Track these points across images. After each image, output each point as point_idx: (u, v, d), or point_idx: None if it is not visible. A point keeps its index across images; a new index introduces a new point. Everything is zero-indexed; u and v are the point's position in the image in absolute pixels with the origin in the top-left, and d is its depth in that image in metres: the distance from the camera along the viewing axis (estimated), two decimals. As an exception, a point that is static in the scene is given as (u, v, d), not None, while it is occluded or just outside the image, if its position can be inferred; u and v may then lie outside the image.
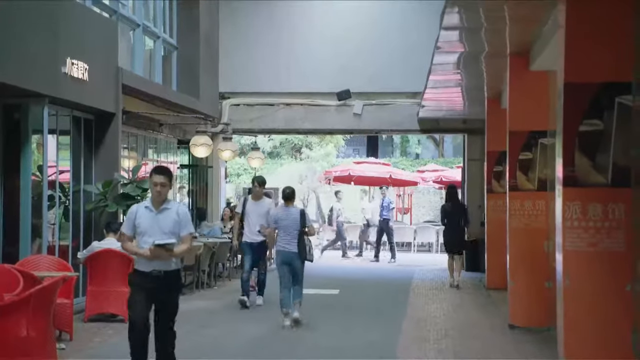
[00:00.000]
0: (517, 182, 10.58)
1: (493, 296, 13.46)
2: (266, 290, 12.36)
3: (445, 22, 9.18)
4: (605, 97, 6.13)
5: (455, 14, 9.20)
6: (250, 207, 12.04)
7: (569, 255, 6.21)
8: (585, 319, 6.16)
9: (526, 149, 10.49)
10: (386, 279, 16.77)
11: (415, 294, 14.16)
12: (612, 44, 6.13)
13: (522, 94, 10.41)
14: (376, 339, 9.56)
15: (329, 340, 9.47)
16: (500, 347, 9.19)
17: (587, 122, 6.18)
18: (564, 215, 6.23)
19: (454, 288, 14.71)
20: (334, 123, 18.62)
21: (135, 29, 14.13)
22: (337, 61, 18.01)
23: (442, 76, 13.19)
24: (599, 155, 6.17)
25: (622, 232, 6.09)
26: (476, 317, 11.51)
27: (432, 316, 11.59)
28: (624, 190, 6.06)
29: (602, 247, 6.15)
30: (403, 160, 33.23)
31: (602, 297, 6.13)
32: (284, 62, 18.19)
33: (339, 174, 24.91)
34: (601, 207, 6.15)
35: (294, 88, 18.11)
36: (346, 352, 8.80)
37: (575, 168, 6.21)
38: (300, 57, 18.20)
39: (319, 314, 11.54)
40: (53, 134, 11.13)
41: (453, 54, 11.50)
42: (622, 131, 6.07)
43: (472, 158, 18.71)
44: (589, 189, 6.19)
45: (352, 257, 21.52)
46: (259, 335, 9.77)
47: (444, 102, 16.52)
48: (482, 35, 9.91)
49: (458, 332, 10.16)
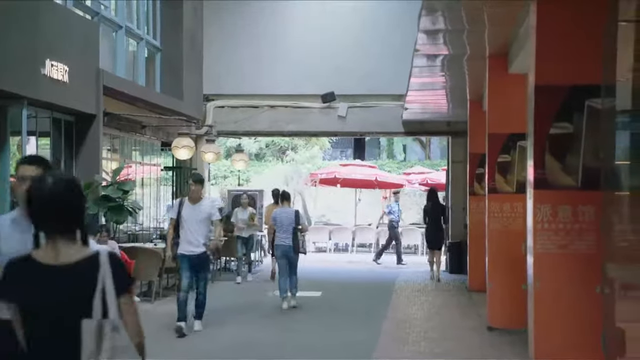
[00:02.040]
0: (496, 184, 10.63)
1: (474, 298, 13.51)
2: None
3: (423, 26, 9.23)
4: (575, 100, 6.17)
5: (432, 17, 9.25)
6: (186, 212, 9.87)
7: (540, 257, 6.25)
8: (555, 321, 6.20)
9: (505, 152, 10.55)
10: (369, 281, 16.80)
11: (397, 296, 14.19)
12: (582, 47, 6.17)
13: (500, 96, 10.46)
14: (355, 340, 9.59)
15: (308, 341, 9.50)
16: (477, 348, 9.23)
17: (557, 125, 6.22)
18: (534, 217, 6.27)
19: (434, 281, 15.89)
20: (318, 125, 18.63)
21: (118, 30, 14.12)
22: (322, 63, 18.03)
23: (424, 79, 13.23)
24: (569, 158, 6.21)
25: (591, 235, 6.13)
26: (456, 319, 11.55)
27: (412, 317, 11.62)
28: (593, 192, 6.09)
29: (572, 249, 6.18)
30: (389, 162, 33.29)
31: (572, 298, 6.17)
32: (268, 64, 18.20)
33: (325, 177, 24.92)
34: (571, 209, 6.19)
35: (278, 90, 18.12)
36: (324, 353, 8.82)
37: (545, 170, 6.25)
38: (284, 59, 18.22)
39: (301, 316, 11.58)
40: (33, 136, 11.12)
41: (435, 56, 11.55)
42: (591, 134, 6.11)
43: (456, 160, 18.78)
44: (559, 192, 6.23)
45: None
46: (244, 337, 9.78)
47: (428, 105, 16.57)
48: (464, 38, 9.97)
49: (437, 333, 10.19)
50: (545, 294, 6.24)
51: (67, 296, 2.83)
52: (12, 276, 2.90)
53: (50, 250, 2.88)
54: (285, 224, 12.19)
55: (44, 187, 2.89)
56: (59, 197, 2.88)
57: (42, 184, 2.91)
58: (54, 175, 2.96)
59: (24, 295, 2.84)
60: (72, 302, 2.82)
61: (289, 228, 12.14)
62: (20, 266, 2.90)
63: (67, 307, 2.82)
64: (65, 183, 2.93)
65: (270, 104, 18.28)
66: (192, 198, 10.01)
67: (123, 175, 13.40)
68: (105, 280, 2.86)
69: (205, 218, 9.89)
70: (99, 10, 13.09)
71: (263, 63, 18.19)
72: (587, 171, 6.15)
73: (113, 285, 2.87)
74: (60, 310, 2.81)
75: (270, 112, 18.40)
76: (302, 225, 12.42)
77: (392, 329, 10.55)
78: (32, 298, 2.82)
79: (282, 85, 18.09)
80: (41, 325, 2.82)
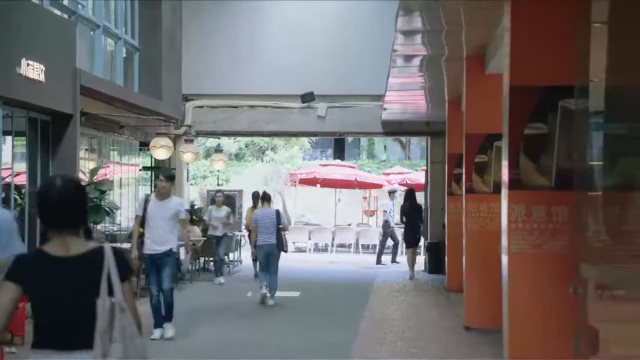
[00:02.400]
0: (474, 184, 10.68)
1: (452, 298, 13.55)
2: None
3: (400, 26, 9.25)
4: (549, 101, 6.21)
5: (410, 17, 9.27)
6: (153, 209, 9.45)
7: (514, 257, 6.28)
8: (529, 320, 6.23)
9: (482, 152, 10.60)
10: (348, 281, 16.81)
11: (375, 296, 14.21)
12: (556, 48, 6.21)
13: (478, 97, 10.51)
14: (333, 340, 9.59)
15: (286, 341, 9.50)
16: (454, 347, 9.26)
17: (532, 126, 6.25)
18: (509, 217, 6.30)
19: (412, 280, 16.40)
20: (297, 125, 18.63)
21: (95, 30, 14.03)
22: (302, 63, 18.02)
23: (403, 79, 13.27)
24: (543, 158, 6.25)
25: (565, 235, 6.17)
26: (433, 319, 11.58)
27: (390, 317, 11.65)
28: (567, 193, 6.13)
29: (546, 249, 6.22)
30: (369, 162, 33.34)
31: (545, 298, 6.21)
32: (248, 64, 18.17)
33: (305, 177, 24.92)
34: (545, 209, 6.22)
35: (257, 90, 18.09)
36: (301, 353, 8.82)
37: (519, 171, 6.28)
38: (264, 59, 18.19)
39: (279, 317, 11.58)
40: (9, 135, 11.03)
41: (414, 57, 11.59)
42: (565, 134, 6.15)
43: (435, 160, 18.86)
44: (533, 192, 6.27)
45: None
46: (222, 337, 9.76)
47: (408, 105, 16.62)
48: (442, 39, 10.01)
49: (414, 333, 10.22)
50: (520, 294, 6.28)
51: (79, 283, 3.21)
52: (23, 267, 3.25)
53: (59, 244, 3.25)
54: (268, 224, 12.54)
55: (53, 189, 3.28)
56: (68, 197, 3.26)
57: (52, 186, 3.30)
58: (62, 178, 3.35)
59: (41, 285, 3.19)
60: (84, 287, 3.19)
61: (271, 228, 12.52)
62: (33, 259, 3.31)
63: (80, 292, 3.19)
64: (72, 185, 3.33)
65: (249, 104, 18.25)
66: (160, 194, 9.60)
67: (101, 175, 13.32)
68: (110, 269, 3.22)
69: (173, 216, 9.43)
70: (76, 9, 13.00)
71: (242, 63, 18.16)
72: (560, 171, 6.19)
73: (117, 272, 3.24)
74: (74, 296, 3.19)
75: (250, 112, 18.37)
76: (283, 224, 12.79)
77: (370, 329, 10.57)
78: (49, 286, 3.19)
79: (261, 86, 18.06)
80: (57, 309, 3.18)
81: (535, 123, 6.25)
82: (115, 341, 3.17)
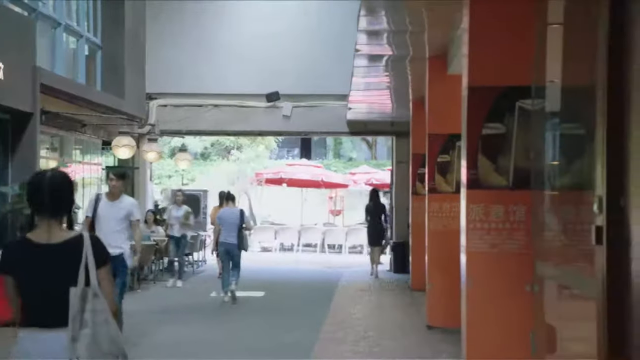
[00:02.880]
0: (436, 184, 10.72)
1: (416, 297, 13.60)
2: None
3: (362, 26, 9.25)
4: (507, 101, 6.24)
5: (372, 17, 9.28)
6: (103, 209, 8.92)
7: (472, 256, 6.30)
8: (487, 320, 6.26)
9: (444, 152, 10.64)
10: (313, 280, 16.81)
11: (340, 296, 14.22)
12: (513, 48, 6.24)
13: (440, 97, 10.54)
14: (294, 340, 9.57)
15: (247, 342, 9.45)
16: (416, 347, 9.29)
17: (490, 126, 6.27)
18: (467, 217, 6.32)
19: (373, 277, 16.79)
20: (263, 125, 18.57)
21: (57, 27, 13.85)
22: (266, 62, 17.96)
23: (368, 79, 13.29)
24: (501, 158, 6.27)
25: (522, 234, 6.20)
26: (397, 318, 11.61)
27: (353, 317, 11.65)
28: (524, 192, 6.16)
29: (504, 249, 6.24)
30: (336, 162, 33.35)
31: (503, 297, 6.23)
32: (212, 63, 18.06)
33: (271, 176, 24.86)
34: (503, 209, 6.25)
35: (222, 89, 17.99)
36: (262, 353, 8.78)
37: (478, 171, 6.31)
38: (228, 58, 18.10)
39: (242, 317, 11.53)
40: (-34, 134, 10.85)
41: (378, 57, 11.60)
42: (522, 135, 6.19)
43: (400, 160, 18.90)
44: (491, 191, 6.29)
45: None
46: (182, 337, 9.68)
47: (373, 105, 16.64)
48: (407, 39, 10.04)
49: (376, 333, 10.23)
50: (478, 293, 6.29)
51: (59, 268, 3.49)
52: (11, 254, 3.59)
53: (43, 231, 3.53)
54: (231, 223, 12.80)
55: (44, 180, 3.58)
56: (57, 188, 3.57)
57: (42, 177, 3.61)
58: (52, 171, 3.70)
59: (23, 269, 3.51)
60: (62, 273, 3.47)
61: (234, 227, 12.77)
62: (18, 246, 3.65)
63: (60, 276, 3.47)
64: (61, 177, 3.64)
65: (214, 103, 18.15)
66: (111, 194, 9.03)
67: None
68: (87, 256, 3.49)
69: (125, 216, 8.85)
70: (36, 6, 12.82)
71: (207, 62, 18.05)
72: (518, 171, 6.22)
73: (94, 259, 3.51)
74: (54, 279, 3.47)
75: (214, 111, 18.27)
76: (247, 224, 13.20)
77: (332, 328, 10.56)
78: (32, 271, 3.49)
79: (226, 85, 17.97)
80: (36, 293, 3.49)
81: (493, 123, 6.27)
82: (86, 326, 3.41)
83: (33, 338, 3.48)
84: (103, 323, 3.43)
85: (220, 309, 12.32)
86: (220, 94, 18.05)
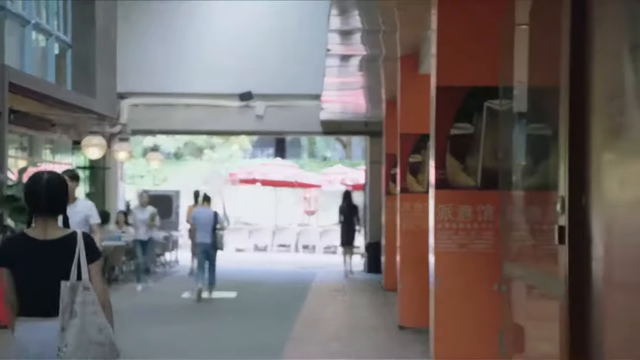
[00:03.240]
0: (408, 184, 10.72)
1: (389, 297, 13.59)
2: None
3: (333, 25, 9.24)
4: (475, 101, 6.25)
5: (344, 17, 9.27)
6: None
7: (440, 256, 6.30)
8: (455, 319, 6.26)
9: (416, 152, 10.64)
10: (287, 281, 16.76)
11: (313, 296, 14.19)
12: (481, 49, 6.25)
13: (412, 97, 10.54)
14: (265, 341, 9.51)
15: (218, 343, 9.38)
16: (386, 347, 9.28)
17: (458, 126, 6.28)
18: (436, 217, 6.32)
19: (347, 276, 17.10)
20: (236, 124, 18.50)
21: (26, 25, 13.68)
22: (240, 62, 17.87)
23: (342, 78, 13.28)
24: (469, 158, 6.29)
25: (490, 234, 6.21)
26: (369, 318, 11.61)
27: (326, 318, 11.63)
28: (492, 192, 6.17)
29: (472, 248, 6.26)
30: (310, 161, 33.31)
31: (471, 297, 6.24)
32: (185, 63, 17.95)
33: (245, 176, 24.78)
34: (471, 209, 6.26)
35: (195, 89, 17.89)
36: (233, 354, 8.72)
37: (446, 171, 6.31)
38: (201, 58, 18.00)
39: (213, 318, 11.46)
40: None
41: (351, 56, 11.59)
42: (490, 135, 6.20)
43: (374, 160, 18.92)
44: (459, 191, 6.30)
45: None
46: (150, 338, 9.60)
47: (347, 105, 16.63)
48: (380, 38, 10.03)
49: (348, 333, 10.22)
50: (446, 293, 6.30)
51: (54, 262, 3.78)
52: (10, 248, 3.92)
53: (40, 229, 3.84)
54: (205, 223, 13.22)
55: (41, 182, 3.86)
56: (53, 190, 3.85)
57: (40, 180, 3.88)
58: (48, 173, 4.00)
59: (21, 262, 3.79)
60: (57, 267, 3.76)
61: (208, 227, 13.17)
62: (16, 241, 3.97)
63: (54, 270, 3.76)
64: (57, 180, 3.93)
65: (186, 102, 18.04)
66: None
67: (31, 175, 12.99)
68: (80, 252, 3.79)
69: (82, 220, 8.25)
70: (4, 4, 12.65)
71: (179, 61, 17.93)
72: (486, 171, 6.23)
73: (86, 255, 3.81)
74: (50, 273, 3.77)
75: (187, 110, 18.16)
76: (221, 225, 13.76)
77: (304, 329, 10.52)
78: (29, 264, 3.78)
79: (199, 84, 17.87)
80: (33, 285, 3.78)
81: (461, 123, 6.29)
82: (75, 316, 3.70)
83: (29, 327, 3.77)
84: (92, 314, 3.71)
85: (190, 309, 12.24)
86: (193, 94, 17.94)
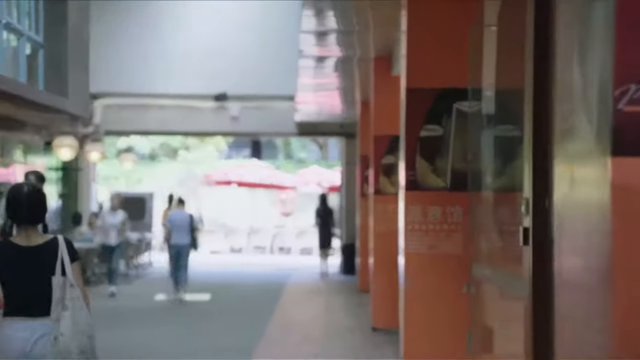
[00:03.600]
0: (381, 186, 10.72)
1: (364, 298, 13.58)
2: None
3: (305, 26, 9.22)
4: (445, 103, 6.25)
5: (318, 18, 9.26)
6: None
7: (410, 257, 6.30)
8: (424, 320, 6.26)
9: (389, 153, 10.63)
10: (261, 282, 16.71)
11: (287, 297, 14.17)
12: (451, 50, 6.25)
13: (384, 98, 10.53)
14: (236, 344, 9.47)
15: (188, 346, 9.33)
16: (359, 348, 9.28)
17: (427, 127, 6.28)
18: (406, 218, 6.31)
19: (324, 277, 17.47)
20: (211, 125, 18.44)
21: (-4, 25, 13.53)
22: (215, 63, 17.80)
23: (316, 80, 13.27)
24: (439, 160, 6.28)
25: (459, 235, 6.22)
26: (343, 320, 11.60)
27: (298, 319, 11.61)
28: (461, 194, 6.18)
29: (441, 250, 6.25)
30: (286, 162, 33.27)
31: (441, 298, 6.24)
32: (159, 63, 17.85)
33: (220, 178, 24.70)
34: (440, 210, 6.26)
35: (169, 90, 17.80)
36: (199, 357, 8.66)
37: (416, 172, 6.31)
38: (176, 59, 17.91)
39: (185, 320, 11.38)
40: None
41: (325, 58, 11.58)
42: (459, 136, 6.20)
43: (349, 162, 18.92)
44: (429, 193, 6.29)
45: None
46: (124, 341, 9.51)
47: (323, 106, 16.62)
48: (354, 39, 10.02)
49: (321, 335, 10.21)
50: (416, 294, 6.29)
51: (39, 266, 4.14)
52: None
53: (24, 237, 4.18)
54: (182, 225, 13.66)
55: (22, 196, 4.22)
56: (34, 203, 4.20)
57: (21, 190, 4.29)
58: (28, 185, 4.61)
59: (9, 268, 4.13)
60: (42, 269, 4.12)
61: (184, 229, 13.62)
62: (2, 248, 4.21)
63: (39, 273, 4.13)
64: (37, 190, 4.35)
65: (161, 103, 17.94)
66: None
67: (2, 176, 12.85)
68: (63, 254, 4.16)
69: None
70: (-26, 3, 12.51)
71: (153, 62, 17.83)
72: (455, 173, 6.23)
73: (68, 256, 4.17)
74: (35, 276, 4.13)
75: (161, 111, 18.06)
76: (196, 227, 14.53)
77: (277, 331, 10.49)
78: (16, 269, 4.13)
79: (173, 85, 17.78)
80: (22, 286, 4.13)
81: (431, 125, 6.28)
82: (66, 309, 4.07)
83: (13, 326, 4.09)
84: (79, 309, 4.11)
85: (163, 312, 12.17)
86: (166, 94, 17.84)
